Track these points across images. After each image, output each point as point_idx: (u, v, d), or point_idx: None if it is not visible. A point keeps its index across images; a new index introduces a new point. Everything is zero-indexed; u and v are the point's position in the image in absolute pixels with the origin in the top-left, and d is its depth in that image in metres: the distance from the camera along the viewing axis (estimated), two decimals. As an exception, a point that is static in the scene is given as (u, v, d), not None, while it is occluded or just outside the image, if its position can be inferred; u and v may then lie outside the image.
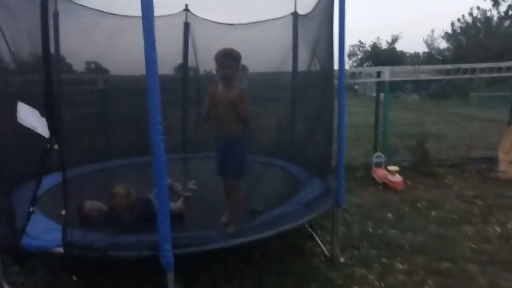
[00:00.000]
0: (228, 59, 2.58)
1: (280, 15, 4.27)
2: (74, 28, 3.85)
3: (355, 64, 34.40)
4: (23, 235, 2.36)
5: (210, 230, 2.52)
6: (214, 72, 2.73)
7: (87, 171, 3.43)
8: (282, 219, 2.62)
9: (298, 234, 3.48)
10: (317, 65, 3.35)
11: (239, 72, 2.66)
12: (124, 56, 4.38)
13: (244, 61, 2.74)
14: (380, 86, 5.57)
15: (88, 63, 4.71)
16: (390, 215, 4.13)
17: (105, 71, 5.00)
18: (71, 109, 4.11)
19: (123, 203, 2.71)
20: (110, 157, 4.36)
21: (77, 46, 3.95)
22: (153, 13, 1.97)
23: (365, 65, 31.59)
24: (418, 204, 4.41)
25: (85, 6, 3.82)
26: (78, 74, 4.70)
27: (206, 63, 5.02)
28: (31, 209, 2.47)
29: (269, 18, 4.31)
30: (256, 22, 4.41)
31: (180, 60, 4.93)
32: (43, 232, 2.36)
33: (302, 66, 3.99)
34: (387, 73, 5.30)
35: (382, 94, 5.70)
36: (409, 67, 5.55)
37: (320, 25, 3.46)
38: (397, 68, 5.58)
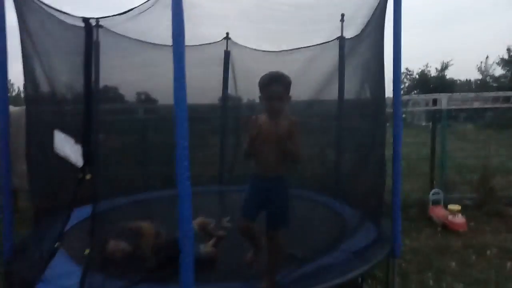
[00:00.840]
0: (276, 85, 2.12)
1: (325, 39, 3.99)
2: (112, 57, 3.82)
3: (401, 92, 33.18)
4: (42, 275, 2.17)
5: (243, 278, 2.19)
6: (258, 100, 2.30)
7: (116, 204, 3.26)
8: (327, 270, 2.23)
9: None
10: (366, 92, 3.01)
11: (289, 101, 2.20)
12: (162, 86, 4.33)
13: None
14: (436, 115, 5.05)
15: (127, 92, 4.67)
16: (453, 263, 3.55)
17: (145, 100, 4.96)
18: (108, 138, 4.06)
19: (150, 243, 2.46)
20: (143, 189, 4.17)
21: (115, 74, 3.90)
22: (183, 39, 1.76)
23: (412, 93, 30.43)
24: (487, 252, 3.79)
25: (123, 36, 3.78)
26: (117, 103, 4.67)
27: (247, 92, 4.84)
28: (56, 245, 2.30)
29: (313, 43, 4.05)
30: (300, 48, 4.16)
31: (220, 89, 4.77)
32: (61, 275, 2.14)
33: (350, 93, 3.66)
34: (444, 101, 4.80)
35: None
36: (470, 94, 5.01)
37: (369, 49, 3.17)
38: (456, 95, 5.07)
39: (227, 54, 4.70)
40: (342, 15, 3.86)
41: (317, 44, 4.08)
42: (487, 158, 5.88)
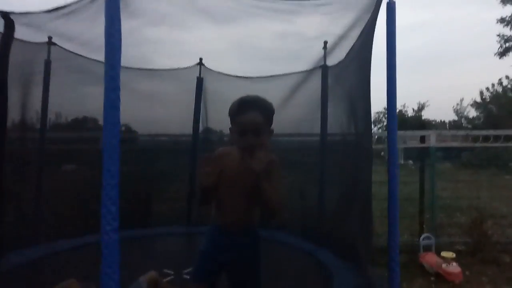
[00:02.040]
0: (253, 113, 1.59)
1: (306, 68, 3.65)
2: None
3: (380, 131, 33.77)
4: None
5: None
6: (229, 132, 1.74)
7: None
8: None
9: None
10: (351, 126, 2.62)
11: (270, 136, 1.68)
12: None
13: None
14: (423, 153, 4.71)
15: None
16: (455, 324, 3.05)
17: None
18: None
19: None
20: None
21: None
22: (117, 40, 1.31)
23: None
24: (490, 309, 3.31)
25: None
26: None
27: (220, 123, 4.41)
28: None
29: (293, 71, 3.70)
30: (278, 76, 3.80)
31: (190, 119, 4.30)
32: None
33: (332, 127, 3.27)
34: (433, 138, 4.48)
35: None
36: (460, 132, 4.72)
37: (354, 76, 2.81)
38: (445, 133, 4.78)
39: (199, 81, 4.29)
40: (325, 43, 3.55)
41: (298, 72, 3.73)
42: (476, 200, 5.57)
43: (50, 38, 3.43)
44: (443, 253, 4.08)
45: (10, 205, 3.27)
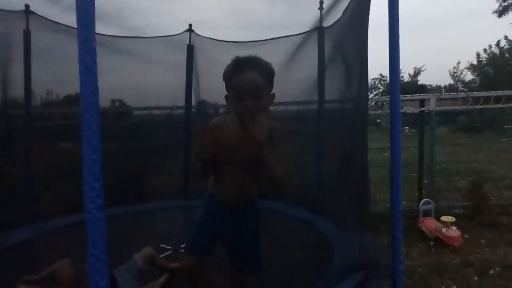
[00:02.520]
0: (251, 74, 1.43)
1: (302, 30, 3.46)
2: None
3: (376, 97, 33.56)
4: None
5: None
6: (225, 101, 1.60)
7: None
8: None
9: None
10: (348, 91, 2.48)
11: (271, 101, 1.54)
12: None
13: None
14: (423, 117, 4.60)
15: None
16: None
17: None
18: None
19: None
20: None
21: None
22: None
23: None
24: (490, 271, 3.31)
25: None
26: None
27: (213, 94, 4.25)
28: None
29: (288, 33, 3.51)
30: (273, 39, 3.61)
31: (181, 90, 4.12)
32: None
33: (330, 93, 3.12)
34: (433, 101, 4.36)
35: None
36: (460, 94, 4.59)
37: (351, 38, 2.64)
38: (445, 95, 4.65)
39: (190, 48, 4.08)
40: (321, 3, 3.35)
41: (294, 35, 3.54)
42: (474, 163, 5.54)
43: (27, 6, 3.21)
44: (443, 218, 4.06)
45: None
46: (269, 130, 1.43)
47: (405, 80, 33.66)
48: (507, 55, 28.14)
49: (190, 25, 4.04)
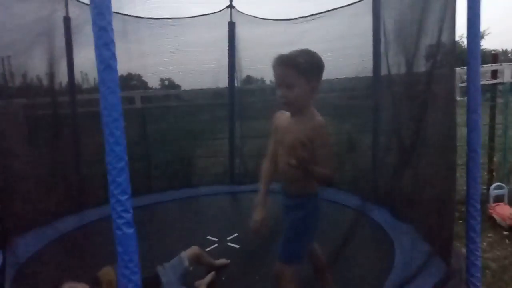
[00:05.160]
0: (289, 71, 1.48)
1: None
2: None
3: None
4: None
5: None
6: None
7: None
8: None
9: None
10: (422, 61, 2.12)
11: (314, 91, 1.54)
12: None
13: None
14: (496, 90, 4.05)
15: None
16: (537, 287, 2.67)
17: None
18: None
19: None
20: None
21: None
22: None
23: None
24: None
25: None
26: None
27: (255, 71, 4.03)
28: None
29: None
30: (321, 14, 3.27)
31: (223, 70, 3.94)
32: None
33: (391, 66, 2.74)
34: (507, 72, 3.79)
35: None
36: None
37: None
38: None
39: (231, 26, 3.85)
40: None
41: (344, 6, 3.18)
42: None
43: (67, -9, 3.14)
44: (519, 205, 3.60)
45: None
46: (312, 125, 1.51)
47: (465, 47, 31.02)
48: None
49: (231, 1, 3.81)
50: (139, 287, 1.06)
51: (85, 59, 3.33)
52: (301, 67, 1.47)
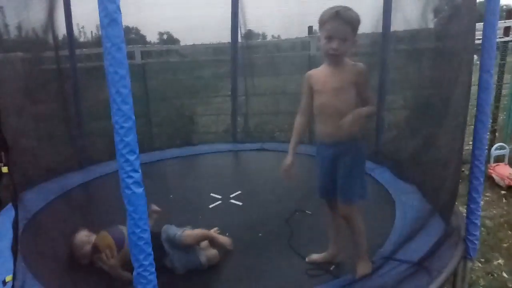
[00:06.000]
0: (345, 27, 1.63)
1: None
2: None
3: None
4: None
5: None
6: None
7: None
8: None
9: None
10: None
11: (354, 46, 1.74)
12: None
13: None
14: (504, 48, 3.93)
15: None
16: (530, 245, 2.76)
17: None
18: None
19: (113, 262, 1.75)
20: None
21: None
22: None
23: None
24: None
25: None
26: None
27: (260, 27, 3.89)
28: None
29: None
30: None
31: (226, 25, 3.80)
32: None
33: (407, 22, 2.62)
34: (520, 30, 3.67)
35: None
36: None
37: None
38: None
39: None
40: None
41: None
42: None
43: None
44: (519, 165, 3.63)
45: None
46: (355, 71, 1.68)
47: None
48: None
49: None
50: (149, 244, 1.09)
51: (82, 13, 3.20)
52: (353, 22, 1.65)
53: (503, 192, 3.62)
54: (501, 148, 3.91)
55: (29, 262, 1.68)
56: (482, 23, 1.63)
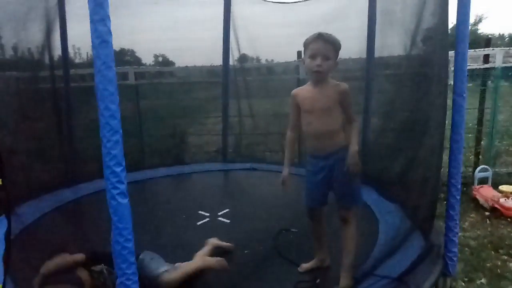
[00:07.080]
0: (324, 43, 1.80)
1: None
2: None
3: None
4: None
5: None
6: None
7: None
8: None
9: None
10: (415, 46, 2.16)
11: (335, 67, 1.90)
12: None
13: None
14: (485, 75, 4.10)
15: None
16: (512, 265, 2.80)
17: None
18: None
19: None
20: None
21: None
22: None
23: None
24: (556, 249, 3.00)
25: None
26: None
27: (253, 51, 4.02)
28: None
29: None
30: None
31: (218, 48, 3.93)
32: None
33: (389, 48, 2.76)
34: (499, 57, 3.84)
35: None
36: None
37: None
38: (514, 50, 4.08)
39: (227, 4, 3.81)
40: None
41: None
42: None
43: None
44: (502, 187, 3.72)
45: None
46: (338, 90, 1.82)
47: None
48: None
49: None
50: (133, 253, 1.13)
51: (78, 34, 3.30)
52: (336, 44, 1.82)
53: (487, 213, 3.68)
54: (485, 170, 4.01)
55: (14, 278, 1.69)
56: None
